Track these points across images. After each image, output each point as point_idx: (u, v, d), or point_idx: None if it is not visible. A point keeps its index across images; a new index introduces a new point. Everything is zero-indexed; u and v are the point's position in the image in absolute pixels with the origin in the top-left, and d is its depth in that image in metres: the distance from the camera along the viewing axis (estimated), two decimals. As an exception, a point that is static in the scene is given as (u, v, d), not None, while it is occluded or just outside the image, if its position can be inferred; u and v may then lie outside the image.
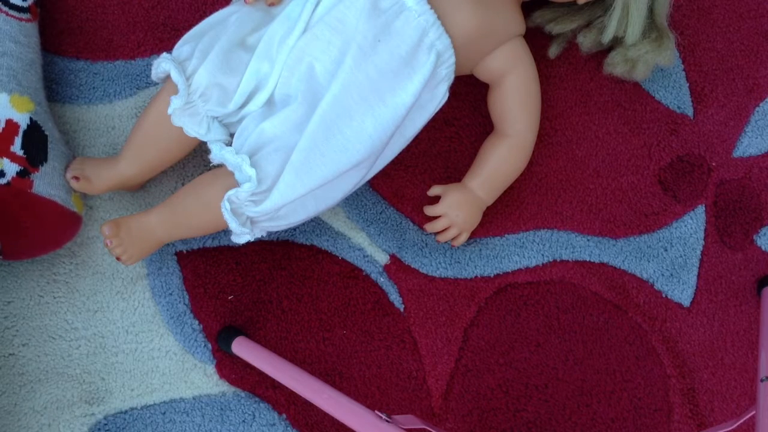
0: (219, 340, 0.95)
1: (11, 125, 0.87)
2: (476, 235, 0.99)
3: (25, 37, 0.90)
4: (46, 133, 0.90)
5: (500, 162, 0.94)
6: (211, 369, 0.96)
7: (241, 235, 0.87)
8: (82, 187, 0.90)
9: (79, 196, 0.93)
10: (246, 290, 0.97)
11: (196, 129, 0.87)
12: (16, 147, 0.86)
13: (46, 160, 0.88)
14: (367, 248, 0.99)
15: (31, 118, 0.88)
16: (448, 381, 0.98)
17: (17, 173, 0.86)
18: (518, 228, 1.00)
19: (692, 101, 1.03)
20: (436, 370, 0.98)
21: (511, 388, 0.98)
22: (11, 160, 0.86)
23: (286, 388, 0.82)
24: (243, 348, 0.90)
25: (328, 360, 0.97)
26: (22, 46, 0.90)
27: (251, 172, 0.82)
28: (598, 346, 0.99)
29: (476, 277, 0.99)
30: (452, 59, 0.88)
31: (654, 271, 1.00)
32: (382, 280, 0.99)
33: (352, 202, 0.99)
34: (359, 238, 0.99)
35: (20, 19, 0.90)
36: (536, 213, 1.01)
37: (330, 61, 0.85)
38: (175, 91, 0.85)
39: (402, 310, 0.98)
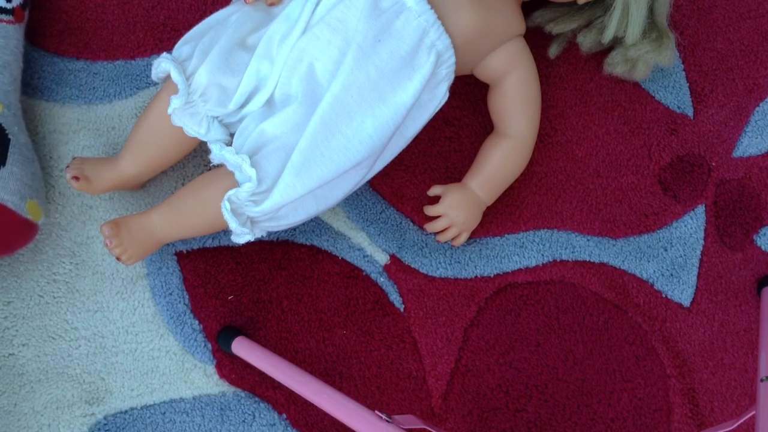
0: (219, 340, 0.95)
1: None
2: (476, 235, 0.99)
3: (3, 39, 0.89)
4: (10, 137, 0.88)
5: (500, 162, 0.94)
6: (211, 369, 0.96)
7: (241, 235, 0.87)
8: (82, 187, 0.90)
9: (38, 204, 0.91)
10: (246, 290, 0.97)
11: (196, 129, 0.87)
12: None
13: (3, 164, 0.86)
14: (367, 248, 0.99)
15: None
16: (448, 381, 0.98)
17: None
18: (518, 228, 1.00)
19: (692, 101, 1.03)
20: (436, 370, 0.98)
21: (511, 388, 0.98)
22: None
23: (286, 388, 0.82)
24: (243, 348, 0.90)
25: (328, 360, 0.97)
26: None
27: (251, 172, 0.82)
28: (598, 346, 0.99)
29: (476, 277, 0.99)
30: (452, 59, 0.88)
31: (654, 271, 1.00)
32: (382, 280, 0.98)
33: (352, 202, 0.99)
34: (359, 238, 0.99)
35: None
36: (536, 213, 1.01)
37: (330, 61, 0.85)
38: (175, 91, 0.85)
39: (402, 310, 0.98)
